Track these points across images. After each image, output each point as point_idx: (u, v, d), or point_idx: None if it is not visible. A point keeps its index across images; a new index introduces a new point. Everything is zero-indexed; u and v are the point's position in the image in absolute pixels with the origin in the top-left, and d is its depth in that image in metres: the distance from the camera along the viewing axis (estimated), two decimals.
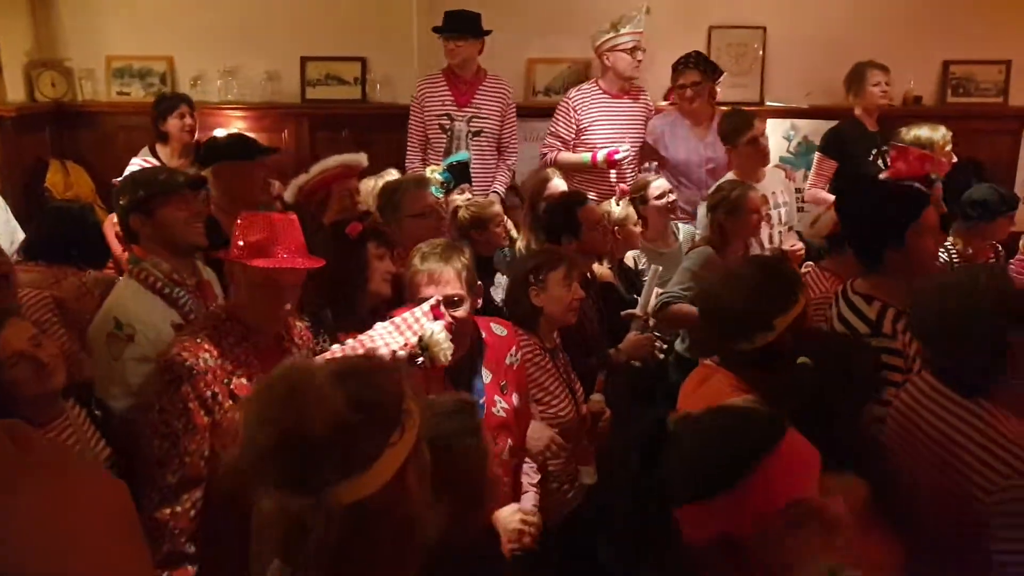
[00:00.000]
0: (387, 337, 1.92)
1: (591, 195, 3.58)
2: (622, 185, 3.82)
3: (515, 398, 2.21)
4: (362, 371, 1.15)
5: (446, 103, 4.13)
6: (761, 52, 4.75)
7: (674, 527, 1.22)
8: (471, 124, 4.11)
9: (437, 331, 1.90)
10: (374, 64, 4.69)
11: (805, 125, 4.76)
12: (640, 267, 3.66)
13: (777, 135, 4.75)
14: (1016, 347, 1.66)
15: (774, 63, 4.76)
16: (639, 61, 4.12)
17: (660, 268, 3.35)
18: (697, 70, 4.13)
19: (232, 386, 1.92)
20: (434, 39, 4.16)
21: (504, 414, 2.17)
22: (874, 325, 2.15)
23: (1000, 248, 3.72)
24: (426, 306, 1.98)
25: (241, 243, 1.93)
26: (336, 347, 2.01)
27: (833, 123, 4.44)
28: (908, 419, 1.85)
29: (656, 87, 4.52)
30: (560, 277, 2.53)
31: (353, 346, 1.94)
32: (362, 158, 3.22)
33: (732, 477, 1.16)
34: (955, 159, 3.79)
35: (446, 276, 2.07)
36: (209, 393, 1.88)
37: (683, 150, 4.20)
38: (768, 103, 4.75)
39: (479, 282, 2.23)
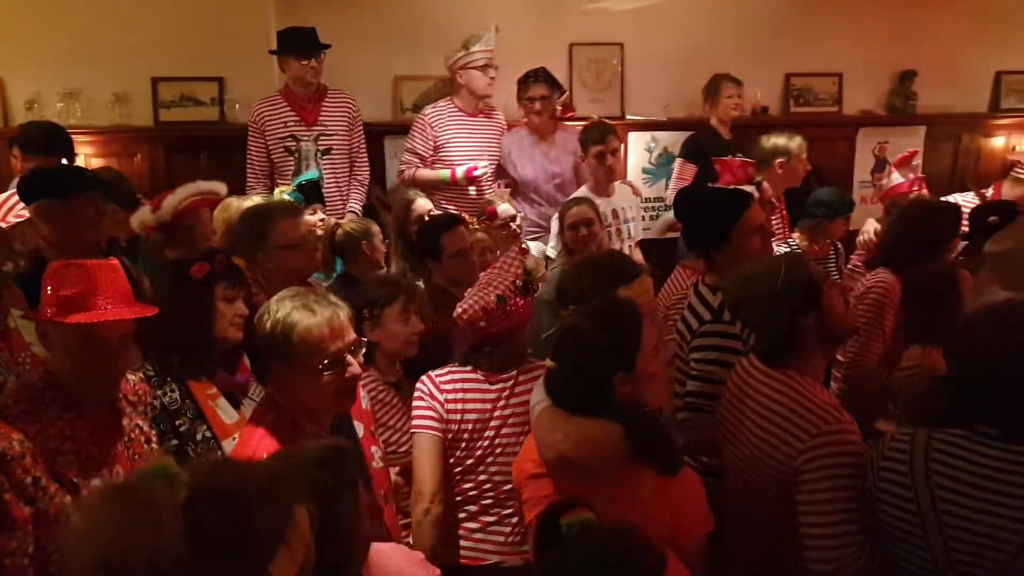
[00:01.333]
0: (499, 277, 2.19)
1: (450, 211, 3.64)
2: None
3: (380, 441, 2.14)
4: (230, 499, 0.92)
5: (289, 124, 4.02)
6: (620, 68, 4.91)
7: None
8: (319, 143, 4.02)
9: (533, 261, 2.34)
10: (232, 84, 4.49)
11: (665, 137, 4.96)
12: None
13: (639, 147, 4.95)
14: (803, 327, 1.94)
15: (633, 78, 4.94)
16: (492, 78, 4.15)
17: None
18: (545, 84, 4.21)
19: (57, 466, 1.67)
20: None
21: (382, 463, 2.08)
22: (716, 312, 2.39)
23: (839, 245, 4.03)
24: (514, 250, 2.31)
25: (52, 299, 1.69)
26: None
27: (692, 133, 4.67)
28: (736, 396, 2.06)
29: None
30: (396, 312, 2.41)
31: (474, 292, 2.17)
32: (221, 187, 2.98)
33: None
34: (810, 167, 4.10)
35: (345, 323, 1.87)
36: (29, 479, 1.60)
37: (530, 168, 4.27)
38: (629, 116, 4.93)
39: None
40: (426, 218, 3.45)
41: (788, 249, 3.88)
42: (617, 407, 1.74)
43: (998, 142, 5.26)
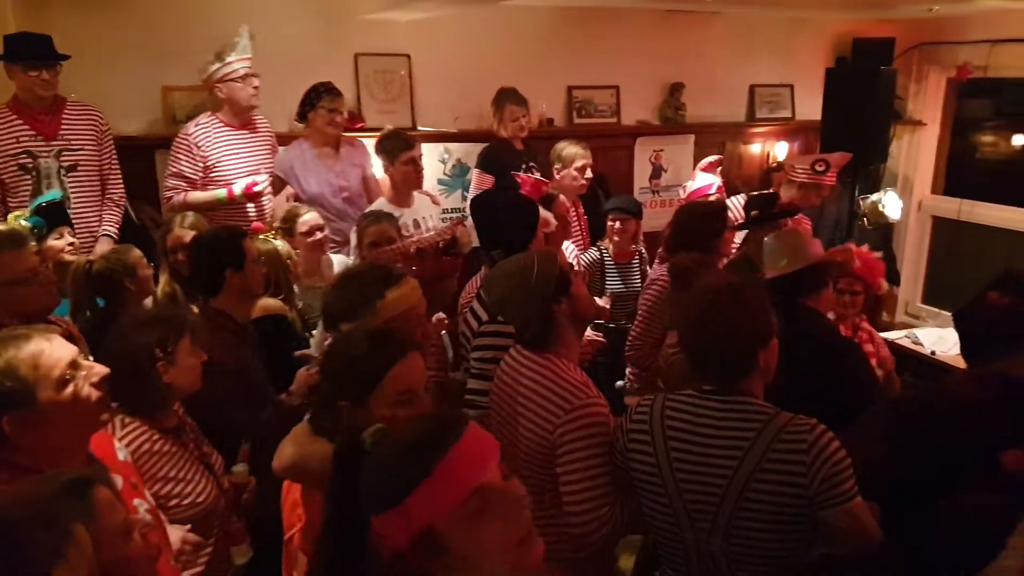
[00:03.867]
0: (428, 238, 2.71)
1: None
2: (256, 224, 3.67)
3: (148, 496, 1.95)
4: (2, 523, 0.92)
5: (22, 139, 3.59)
6: (408, 79, 4.90)
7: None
8: (62, 159, 3.64)
9: (461, 231, 2.75)
10: None
11: (457, 148, 5.01)
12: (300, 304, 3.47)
13: (433, 158, 4.95)
14: (559, 314, 2.13)
15: (422, 89, 4.94)
16: (255, 88, 3.96)
17: None
18: (342, 97, 4.15)
19: None
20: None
21: (150, 515, 1.88)
22: (492, 313, 2.57)
23: (643, 249, 4.28)
24: (454, 221, 2.89)
25: None
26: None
27: (482, 144, 4.75)
28: (507, 384, 2.22)
29: None
30: (188, 345, 2.20)
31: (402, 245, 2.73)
32: None
33: (416, 476, 1.20)
34: (584, 177, 4.29)
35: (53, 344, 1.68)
36: None
37: (315, 182, 4.15)
38: (420, 128, 4.92)
39: None
40: (179, 254, 3.19)
41: (598, 255, 4.18)
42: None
43: (755, 148, 5.80)
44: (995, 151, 5.92)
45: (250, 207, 3.97)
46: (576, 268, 3.72)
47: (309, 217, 3.58)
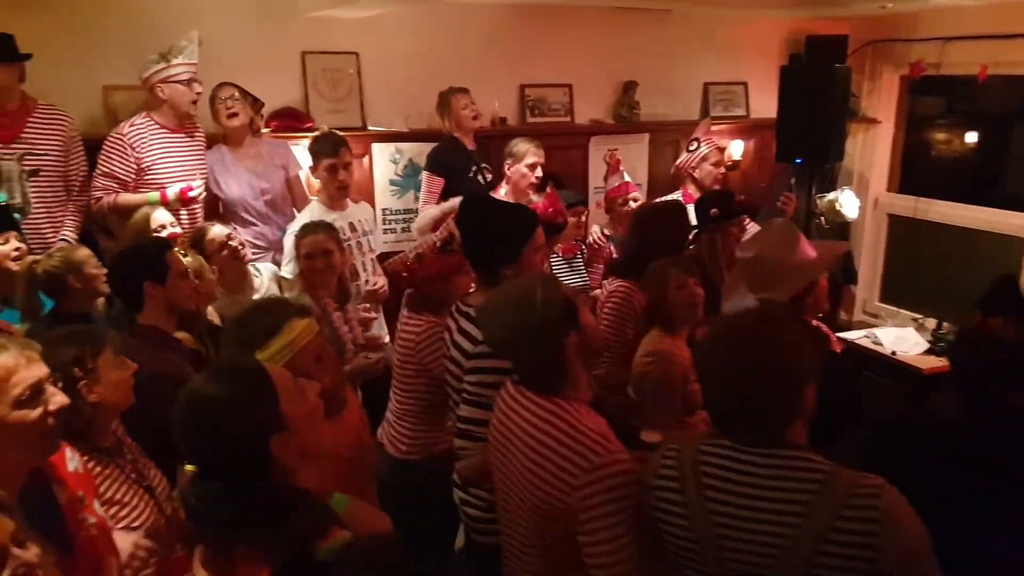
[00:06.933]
0: (425, 243, 3.09)
1: None
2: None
3: (98, 506, 1.84)
4: None
5: None
6: (358, 78, 4.80)
7: None
8: (24, 163, 3.54)
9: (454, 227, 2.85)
10: None
11: (409, 148, 4.93)
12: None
13: (384, 158, 4.87)
14: (568, 348, 1.87)
15: (372, 88, 4.86)
16: (198, 94, 3.91)
17: None
18: (231, 87, 4.07)
19: None
20: None
21: (96, 531, 1.78)
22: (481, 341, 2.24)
23: (584, 246, 4.27)
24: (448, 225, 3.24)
25: None
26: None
27: (434, 144, 4.66)
28: (503, 423, 1.97)
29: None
30: (111, 358, 2.05)
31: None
32: None
33: None
34: (534, 174, 4.26)
35: (35, 354, 1.65)
36: None
37: (235, 185, 4.09)
38: (371, 127, 4.83)
39: None
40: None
41: None
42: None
43: None
44: (949, 148, 5.96)
45: (183, 213, 3.87)
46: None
47: (216, 232, 3.46)
